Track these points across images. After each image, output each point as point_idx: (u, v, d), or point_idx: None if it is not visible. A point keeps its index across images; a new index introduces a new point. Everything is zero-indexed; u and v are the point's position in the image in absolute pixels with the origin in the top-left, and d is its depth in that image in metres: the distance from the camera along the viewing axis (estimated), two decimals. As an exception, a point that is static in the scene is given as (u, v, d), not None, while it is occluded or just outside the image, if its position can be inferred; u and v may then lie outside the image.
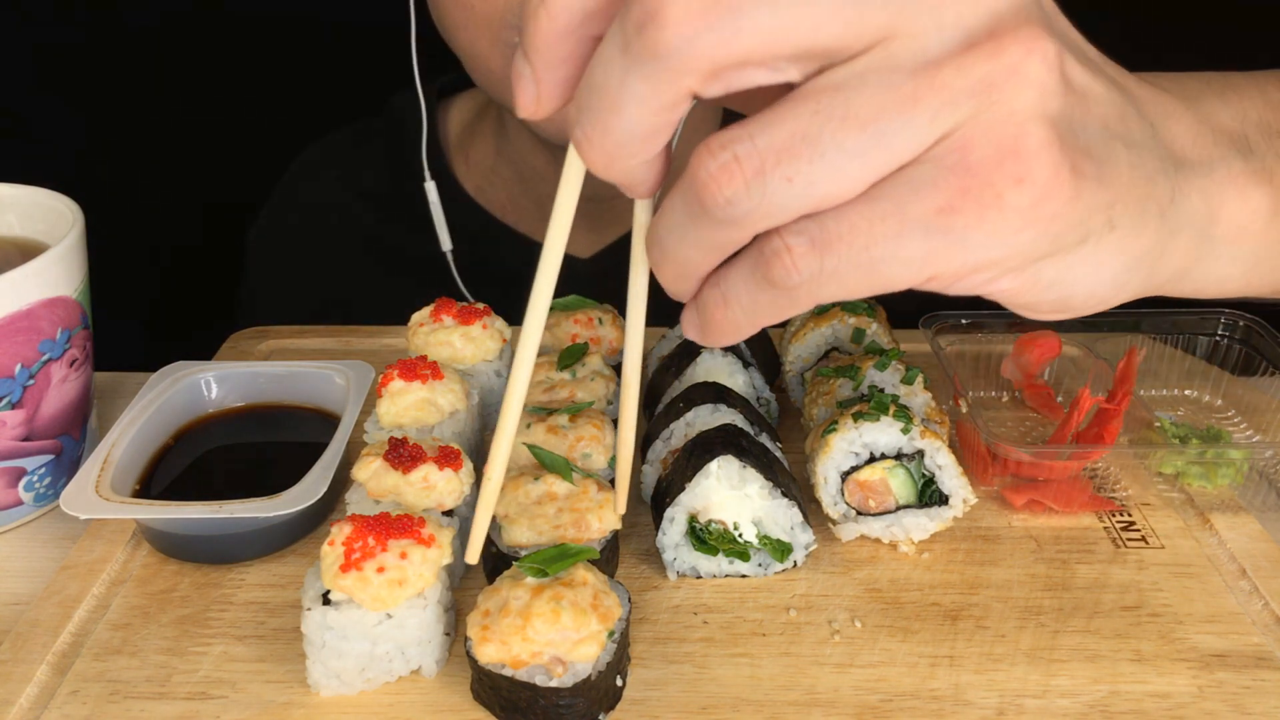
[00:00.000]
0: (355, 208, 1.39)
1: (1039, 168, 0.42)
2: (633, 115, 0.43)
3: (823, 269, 0.44)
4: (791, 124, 0.41)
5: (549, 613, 0.64)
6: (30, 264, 0.79)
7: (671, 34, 0.40)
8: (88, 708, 0.68)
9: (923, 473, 0.81)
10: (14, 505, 0.86)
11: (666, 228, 0.47)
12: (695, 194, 0.43)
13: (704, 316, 0.49)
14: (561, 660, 0.64)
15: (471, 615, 0.67)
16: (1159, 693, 0.69)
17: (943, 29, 0.41)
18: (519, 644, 0.64)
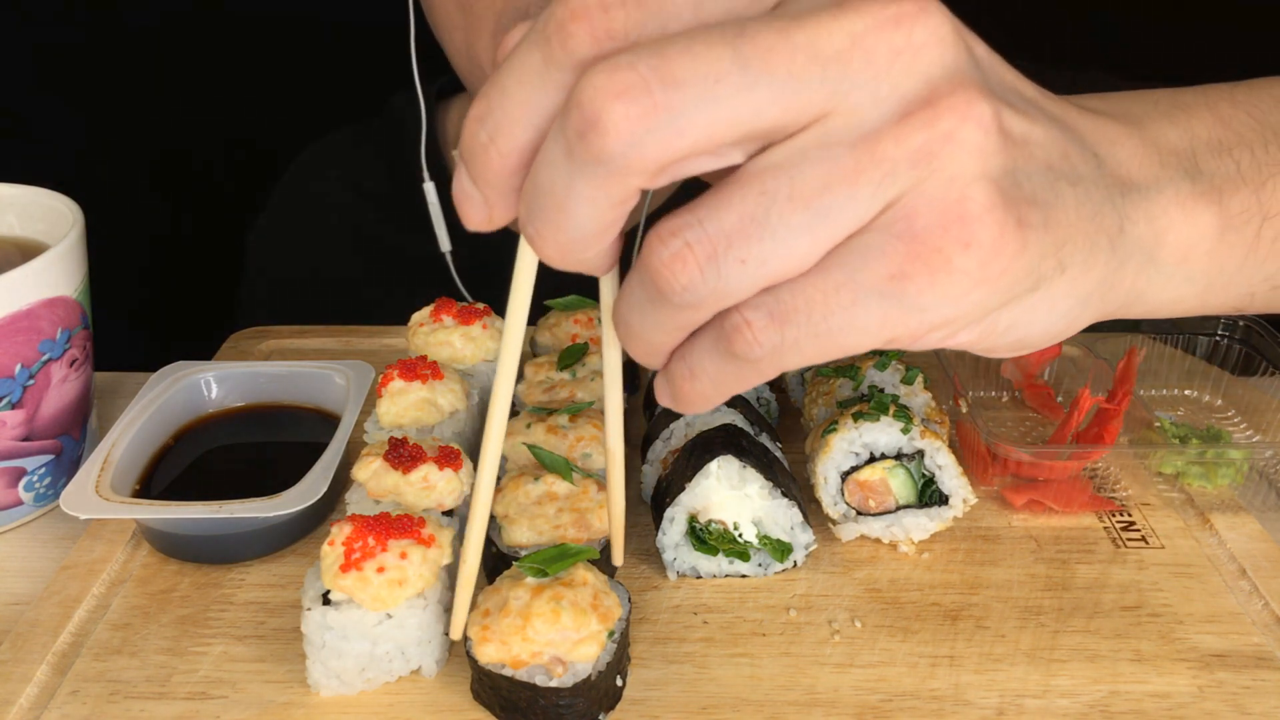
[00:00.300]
0: (355, 208, 1.39)
1: (984, 230, 0.43)
2: (582, 214, 0.43)
3: (783, 341, 0.45)
4: (739, 207, 0.42)
5: (549, 613, 0.64)
6: (30, 264, 0.79)
7: (613, 140, 0.40)
8: (88, 708, 0.68)
9: (923, 473, 0.81)
10: (14, 505, 0.86)
11: (629, 309, 0.47)
12: (652, 280, 0.44)
13: (673, 388, 0.50)
14: (561, 660, 0.64)
15: (471, 615, 0.66)
16: (1159, 693, 0.69)
17: (878, 102, 0.41)
18: (519, 644, 0.64)
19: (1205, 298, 0.58)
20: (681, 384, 0.49)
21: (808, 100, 0.41)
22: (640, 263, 0.45)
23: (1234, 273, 0.58)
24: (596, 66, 0.40)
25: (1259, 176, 0.57)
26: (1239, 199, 0.56)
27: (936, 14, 0.42)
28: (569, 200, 0.43)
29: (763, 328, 0.44)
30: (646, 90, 0.39)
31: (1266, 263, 0.58)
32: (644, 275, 0.44)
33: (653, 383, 0.53)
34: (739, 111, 0.40)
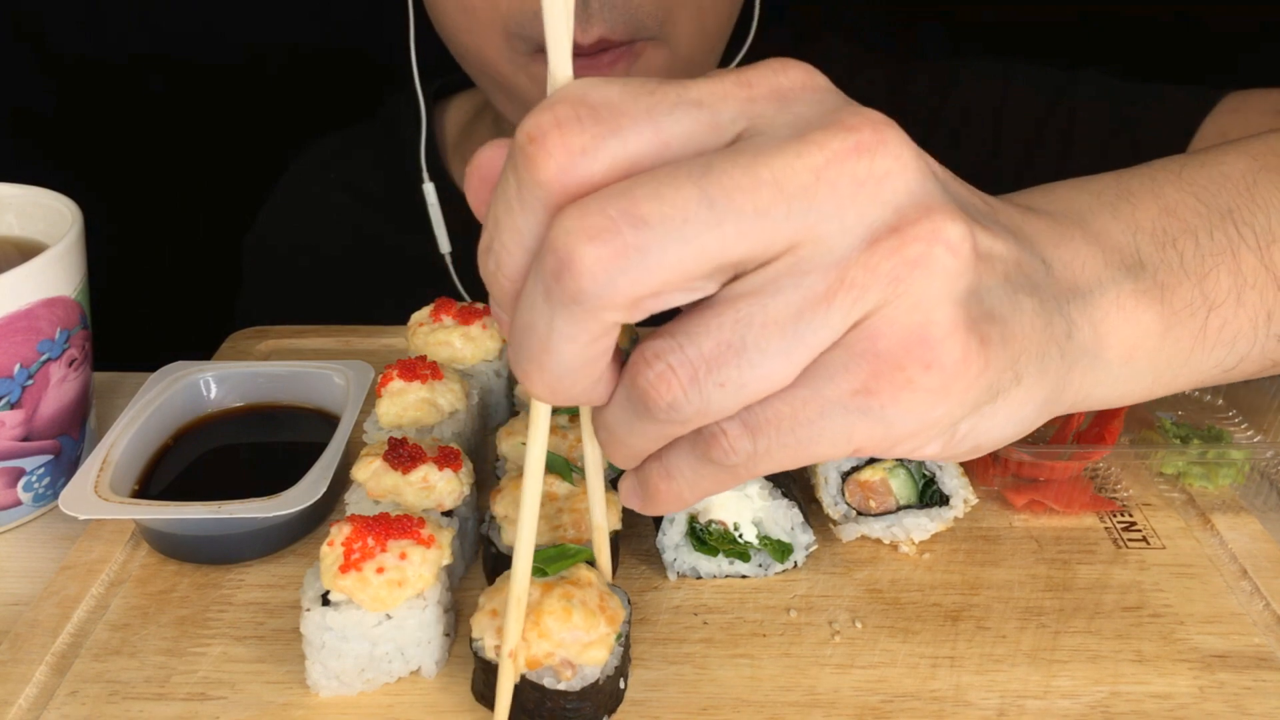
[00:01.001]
0: (352, 210, 1.39)
1: (947, 352, 0.44)
2: (565, 351, 0.44)
3: (756, 449, 0.46)
4: (716, 334, 0.43)
5: (560, 611, 0.64)
6: (29, 264, 0.79)
7: (587, 281, 0.41)
8: (87, 708, 0.68)
9: (923, 473, 0.81)
10: (13, 505, 0.86)
11: (614, 420, 0.49)
12: (639, 399, 0.45)
13: (647, 487, 0.52)
14: (571, 664, 0.64)
15: (477, 615, 0.66)
16: (1160, 693, 0.69)
17: (845, 231, 0.42)
18: (533, 642, 0.63)
19: (1154, 389, 0.59)
20: (658, 482, 0.51)
21: (775, 234, 0.42)
22: (626, 381, 0.46)
23: (1181, 365, 0.58)
24: (567, 210, 0.41)
25: (1202, 267, 0.57)
26: (1182, 293, 0.56)
27: (895, 139, 0.43)
28: (550, 338, 0.44)
29: (737, 437, 0.46)
30: (616, 231, 0.40)
31: (1215, 350, 0.58)
32: (630, 393, 0.46)
33: (620, 487, 0.55)
34: (708, 248, 0.41)
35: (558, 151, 0.41)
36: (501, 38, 1.03)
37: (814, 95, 0.44)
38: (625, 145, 0.42)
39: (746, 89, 0.43)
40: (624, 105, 0.42)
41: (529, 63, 1.04)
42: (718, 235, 0.41)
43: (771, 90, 0.44)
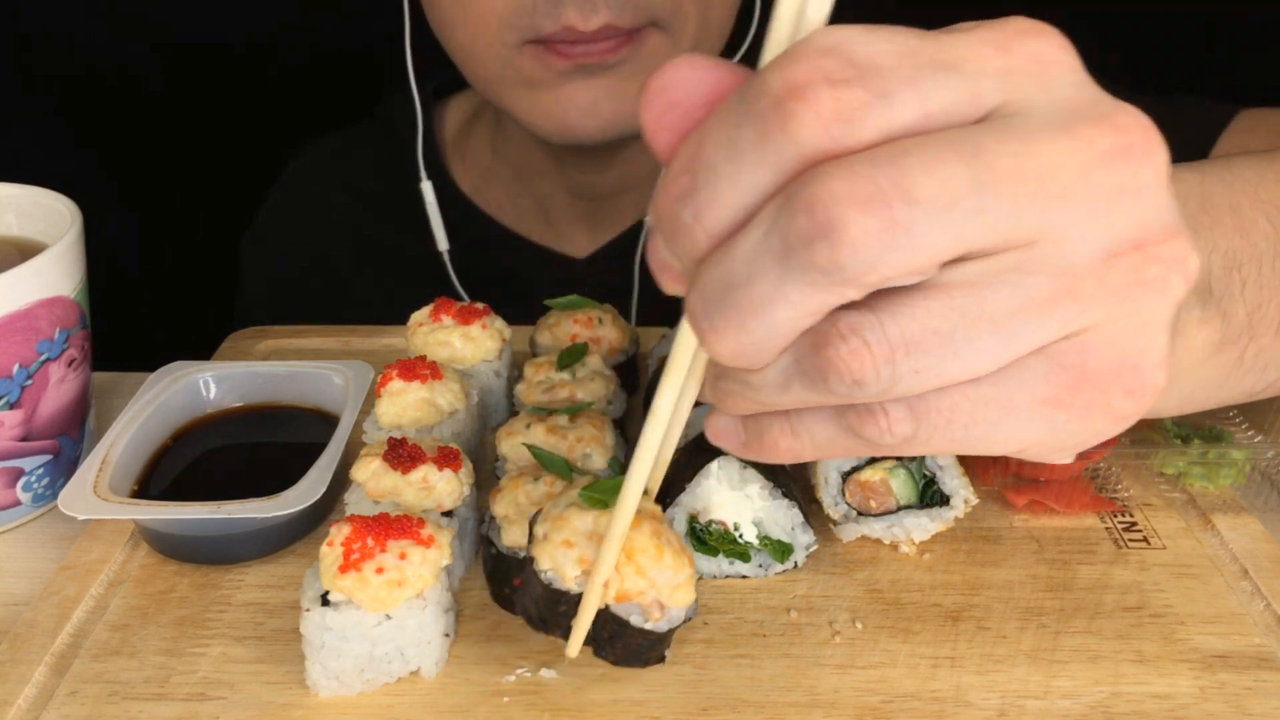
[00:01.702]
0: (351, 210, 1.39)
1: (1151, 382, 0.43)
2: (779, 318, 0.41)
3: (915, 435, 0.44)
4: (924, 319, 0.40)
5: (653, 549, 0.61)
6: (28, 264, 0.79)
7: (846, 253, 0.38)
8: (86, 708, 0.67)
9: (924, 473, 0.81)
10: (12, 505, 0.86)
11: (766, 381, 0.45)
12: (819, 368, 0.42)
13: (762, 438, 0.49)
14: (661, 604, 0.61)
15: (543, 545, 0.63)
16: (1160, 694, 0.69)
17: (1088, 238, 0.40)
18: (626, 577, 0.60)
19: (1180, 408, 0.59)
20: (778, 436, 0.48)
21: (1021, 228, 0.39)
22: (807, 349, 0.43)
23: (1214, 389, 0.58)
24: (830, 169, 0.38)
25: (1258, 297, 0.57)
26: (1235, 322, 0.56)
27: (1160, 150, 0.40)
28: (770, 303, 0.41)
29: (900, 420, 0.44)
30: (886, 204, 0.37)
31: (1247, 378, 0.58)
32: (809, 361, 0.43)
33: (709, 421, 0.51)
34: (963, 235, 0.39)
35: (825, 112, 0.38)
36: (493, 31, 1.03)
37: (1072, 75, 0.41)
38: (891, 115, 0.38)
39: (1004, 55, 0.40)
40: (889, 65, 0.38)
41: (514, 55, 1.04)
42: (977, 223, 0.39)
43: (1030, 60, 0.40)
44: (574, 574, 0.62)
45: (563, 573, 0.63)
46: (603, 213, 1.31)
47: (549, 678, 0.70)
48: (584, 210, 1.31)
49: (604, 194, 1.29)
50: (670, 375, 0.51)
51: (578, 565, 0.62)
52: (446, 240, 1.29)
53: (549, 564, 0.63)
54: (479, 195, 1.34)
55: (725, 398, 0.48)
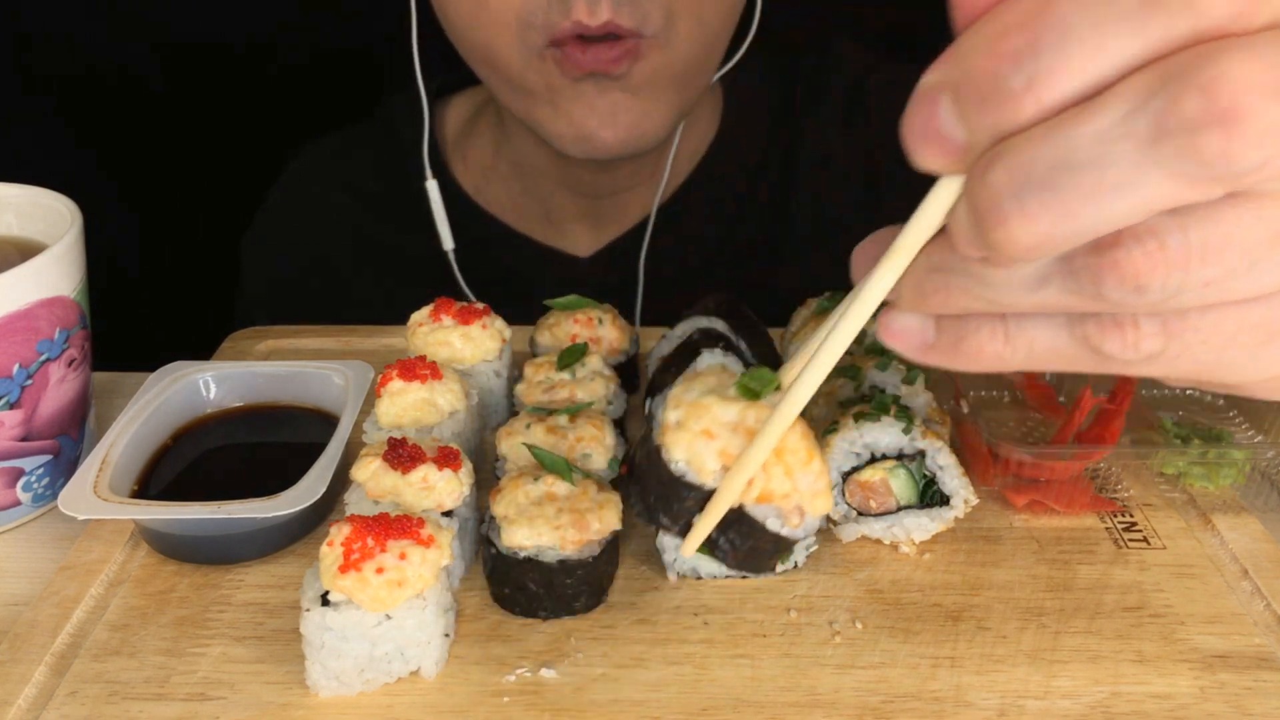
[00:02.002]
0: (351, 210, 1.38)
1: None
2: (1117, 209, 0.37)
3: (1162, 353, 0.41)
4: (1231, 227, 0.37)
5: (804, 452, 0.57)
6: (28, 264, 0.79)
7: (1241, 147, 0.34)
8: (86, 708, 0.67)
9: (924, 473, 0.81)
10: (12, 506, 0.86)
11: (1017, 280, 0.41)
12: (1096, 269, 0.39)
13: (962, 341, 0.45)
14: (802, 510, 0.58)
15: (675, 433, 0.58)
16: (1161, 694, 0.69)
17: None
18: (773, 478, 0.56)
19: None
20: (982, 342, 0.44)
21: None
22: (1093, 245, 0.39)
23: None
24: (1236, 49, 0.34)
25: None
26: None
27: None
28: (1116, 191, 0.36)
29: (1150, 335, 0.40)
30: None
31: None
32: (1081, 261, 0.39)
33: (886, 319, 0.46)
34: None
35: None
36: (513, 31, 1.03)
37: None
38: None
39: None
40: None
41: (536, 60, 1.04)
42: None
43: None
44: (714, 468, 0.57)
45: (700, 465, 0.58)
46: (605, 211, 1.31)
47: (549, 678, 0.70)
48: (586, 209, 1.31)
49: (606, 193, 1.29)
50: (897, 257, 0.45)
51: (719, 459, 0.57)
52: (451, 239, 1.29)
53: (684, 454, 0.58)
54: (481, 195, 1.34)
55: (935, 293, 0.43)
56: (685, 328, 0.96)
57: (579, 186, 1.28)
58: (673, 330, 0.99)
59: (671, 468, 0.58)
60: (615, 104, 1.05)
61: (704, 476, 0.57)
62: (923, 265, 0.45)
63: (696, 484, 0.57)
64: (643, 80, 1.05)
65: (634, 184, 1.28)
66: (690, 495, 0.58)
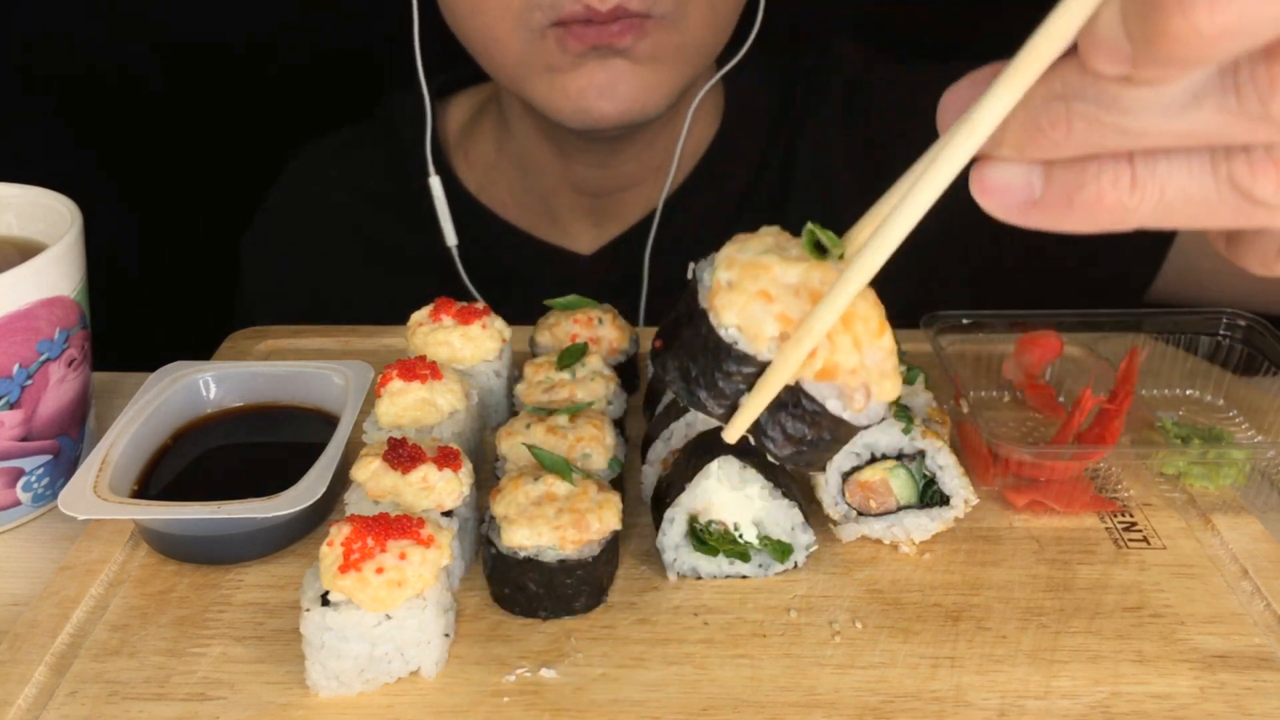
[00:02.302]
0: (351, 209, 1.39)
1: None
2: None
3: None
4: None
5: (876, 320, 0.49)
6: (28, 264, 0.79)
7: None
8: (86, 708, 0.67)
9: (924, 473, 0.81)
10: (12, 505, 0.86)
11: (1162, 101, 0.36)
12: (1269, 78, 0.35)
13: (1079, 190, 0.40)
14: (869, 390, 0.50)
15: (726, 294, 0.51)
16: (1161, 694, 0.69)
17: None
18: (839, 348, 0.49)
19: None
20: (1103, 190, 0.39)
21: None
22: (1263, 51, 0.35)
23: None
24: None
25: None
26: None
27: None
28: None
29: None
30: None
31: None
32: (1259, 69, 0.35)
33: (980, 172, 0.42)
34: None
35: None
36: (514, 15, 1.04)
37: None
38: None
39: None
40: None
41: (540, 38, 1.04)
42: None
43: None
44: (771, 334, 0.49)
45: (755, 331, 0.50)
46: (607, 209, 1.31)
47: (549, 678, 0.70)
48: (589, 206, 1.31)
49: (609, 189, 1.29)
50: (1012, 82, 0.39)
51: (777, 324, 0.49)
52: (454, 235, 1.29)
53: (737, 319, 0.50)
54: (483, 193, 1.34)
55: (1054, 127, 0.39)
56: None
57: (581, 184, 1.28)
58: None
59: (721, 334, 0.50)
60: (616, 75, 1.06)
61: (758, 345, 0.50)
62: (1040, 95, 0.39)
63: (749, 354, 0.49)
64: (646, 53, 1.06)
65: (635, 181, 1.28)
66: (741, 369, 0.50)
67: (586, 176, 1.26)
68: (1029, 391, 1.01)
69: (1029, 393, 1.01)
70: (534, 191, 1.32)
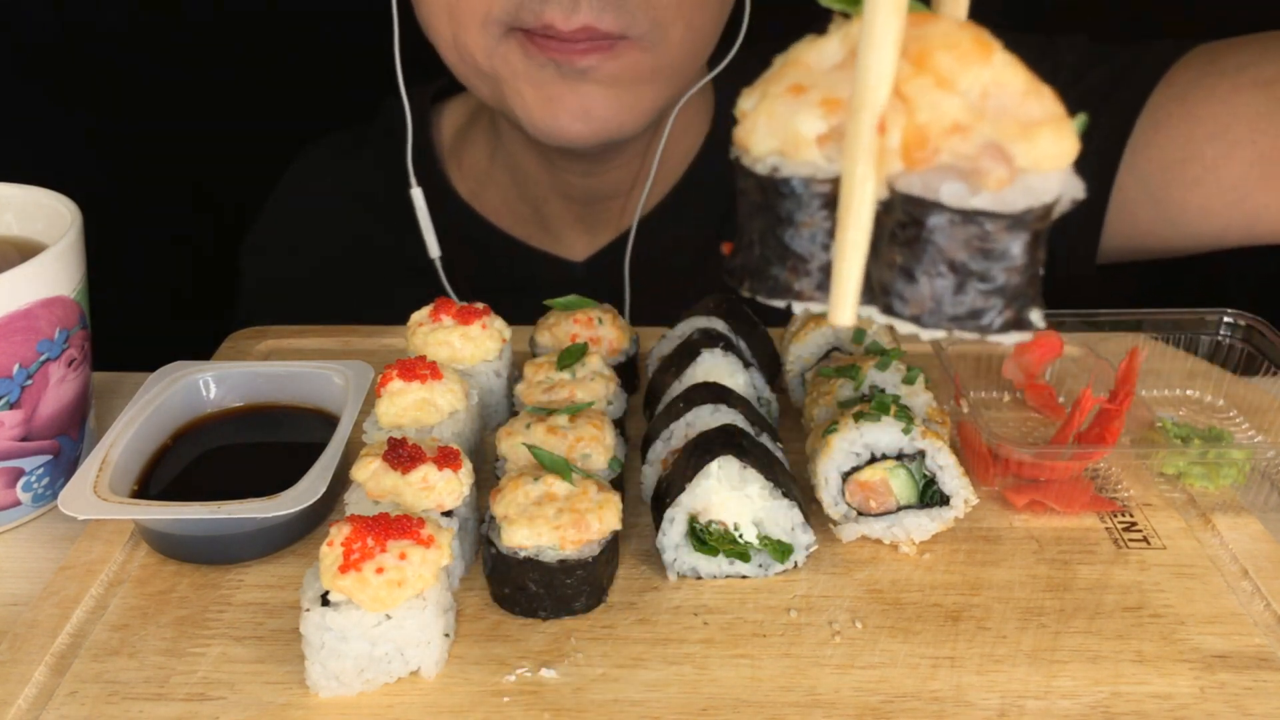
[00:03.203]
0: (348, 213, 1.38)
1: None
2: None
3: None
4: None
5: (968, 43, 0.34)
6: (28, 264, 0.79)
7: None
8: (86, 708, 0.67)
9: (924, 473, 0.81)
10: (12, 505, 0.86)
11: None
12: None
13: None
14: (1004, 153, 0.33)
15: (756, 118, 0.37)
16: (1160, 694, 0.69)
17: None
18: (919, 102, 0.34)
19: None
20: None
21: None
22: None
23: None
24: None
25: None
26: None
27: None
28: None
29: None
30: None
31: None
32: None
33: None
34: None
35: None
36: (478, 24, 1.04)
37: None
38: None
39: None
40: None
41: (499, 45, 1.05)
42: None
43: None
44: (814, 132, 0.35)
45: (794, 140, 0.35)
46: (598, 216, 1.31)
47: (549, 677, 0.70)
48: (579, 214, 1.31)
49: (598, 197, 1.29)
50: None
51: (821, 114, 0.35)
52: (438, 247, 1.28)
53: (769, 138, 0.36)
54: (476, 199, 1.34)
55: None
56: (685, 327, 0.97)
57: (570, 191, 1.28)
58: (673, 330, 0.99)
59: (759, 172, 0.37)
60: (588, 100, 1.05)
61: (805, 154, 0.35)
62: None
63: (806, 178, 0.35)
64: (618, 75, 1.05)
65: (625, 189, 1.28)
66: (804, 209, 0.36)
67: (574, 185, 1.26)
68: (1029, 391, 1.01)
69: (1029, 393, 1.01)
70: (526, 199, 1.32)
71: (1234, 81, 1.04)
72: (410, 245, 1.31)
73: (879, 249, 0.35)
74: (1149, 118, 1.09)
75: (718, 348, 0.90)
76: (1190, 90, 1.07)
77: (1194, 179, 1.07)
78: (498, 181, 1.33)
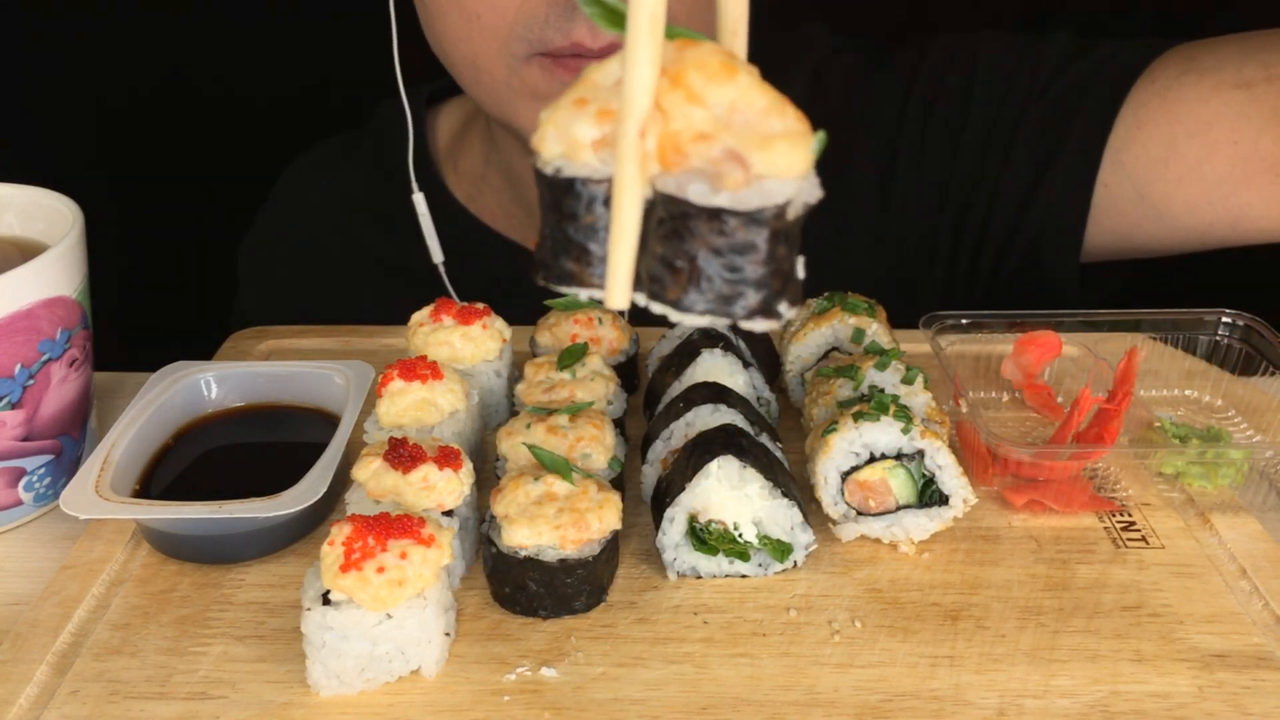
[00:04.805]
0: (344, 217, 1.38)
1: None
2: None
3: None
4: None
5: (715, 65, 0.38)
6: (30, 264, 0.79)
7: None
8: (87, 708, 0.68)
9: (923, 473, 0.81)
10: (14, 505, 0.86)
11: None
12: None
13: None
14: (740, 158, 0.38)
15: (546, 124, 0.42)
16: (1159, 693, 0.69)
17: None
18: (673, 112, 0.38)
19: None
20: None
21: None
22: None
23: None
24: None
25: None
26: None
27: None
28: None
29: None
30: None
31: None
32: None
33: None
34: None
35: None
36: (500, 43, 1.03)
37: None
38: None
39: None
40: None
41: (521, 66, 1.04)
42: None
43: None
44: (588, 138, 0.40)
45: (573, 143, 0.40)
46: None
47: (549, 677, 0.70)
48: None
49: None
50: None
51: (594, 125, 0.40)
52: (440, 252, 1.28)
53: (555, 144, 0.41)
54: (473, 203, 1.33)
55: None
56: (685, 327, 0.97)
57: None
58: (672, 330, 0.99)
59: (548, 174, 0.41)
60: None
61: (580, 156, 0.40)
62: None
63: (583, 178, 0.40)
64: None
65: None
66: (584, 206, 0.41)
67: None
68: (1028, 391, 1.01)
69: (1028, 393, 1.01)
70: (521, 202, 1.32)
71: (1214, 80, 1.04)
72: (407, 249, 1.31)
73: (647, 242, 0.40)
74: (1131, 114, 1.09)
75: (717, 348, 0.90)
76: (1171, 87, 1.07)
77: (1177, 177, 1.07)
78: (493, 185, 1.33)
